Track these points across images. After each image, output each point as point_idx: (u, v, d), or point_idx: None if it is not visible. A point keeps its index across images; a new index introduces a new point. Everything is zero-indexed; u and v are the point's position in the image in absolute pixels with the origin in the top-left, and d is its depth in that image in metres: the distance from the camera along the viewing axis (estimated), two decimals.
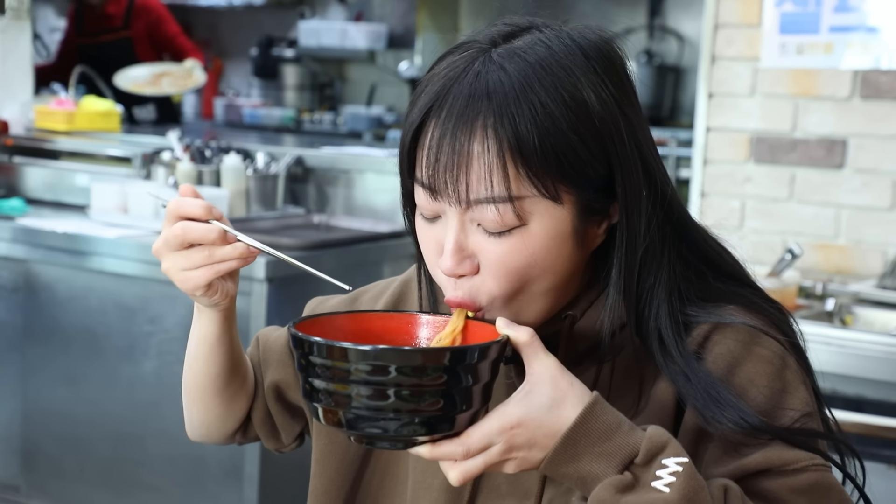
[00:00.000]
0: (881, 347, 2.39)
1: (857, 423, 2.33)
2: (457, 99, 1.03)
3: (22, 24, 4.44)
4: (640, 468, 0.98)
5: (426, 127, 1.05)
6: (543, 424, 0.98)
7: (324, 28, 6.75)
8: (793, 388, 1.09)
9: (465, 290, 1.07)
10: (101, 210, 3.55)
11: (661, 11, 6.21)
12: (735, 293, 1.15)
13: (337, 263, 3.32)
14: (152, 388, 3.26)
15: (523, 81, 1.03)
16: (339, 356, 0.96)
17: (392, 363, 0.95)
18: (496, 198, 1.03)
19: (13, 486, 3.55)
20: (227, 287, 1.15)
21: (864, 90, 3.02)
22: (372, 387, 0.96)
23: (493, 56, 1.05)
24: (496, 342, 1.00)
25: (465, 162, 1.03)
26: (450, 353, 0.97)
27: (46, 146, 4.20)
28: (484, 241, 1.06)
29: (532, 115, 1.02)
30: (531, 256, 1.05)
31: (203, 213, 1.09)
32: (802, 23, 3.08)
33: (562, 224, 1.06)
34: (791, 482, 1.04)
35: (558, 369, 1.00)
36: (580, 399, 0.99)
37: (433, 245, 1.09)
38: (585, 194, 1.06)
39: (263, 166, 3.72)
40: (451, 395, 0.96)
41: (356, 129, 6.37)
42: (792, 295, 2.76)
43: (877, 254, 3.03)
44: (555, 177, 1.03)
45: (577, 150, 1.03)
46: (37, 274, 3.47)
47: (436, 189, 1.05)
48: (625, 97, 1.08)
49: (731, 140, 3.21)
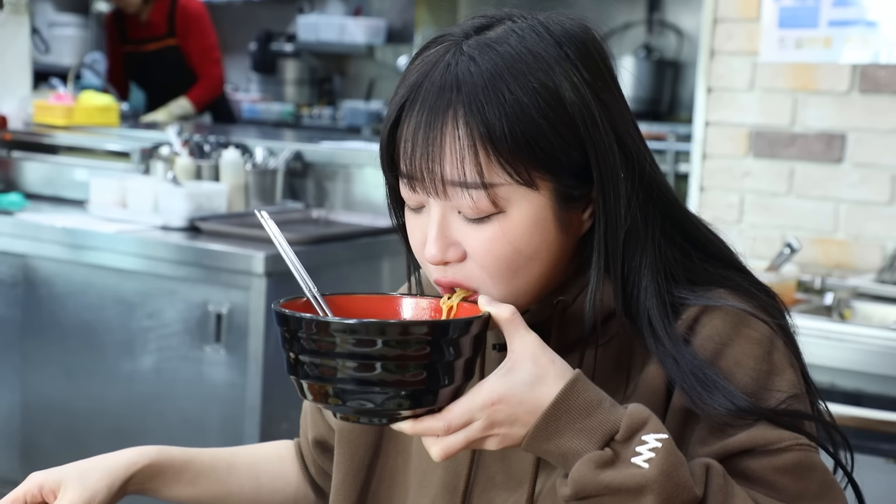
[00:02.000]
0: (880, 341, 2.39)
1: (855, 416, 2.33)
2: (429, 92, 1.06)
3: (20, 18, 4.44)
4: (620, 444, 0.99)
5: (402, 120, 1.08)
6: (525, 400, 0.99)
7: (322, 23, 6.74)
8: (780, 370, 1.10)
9: (452, 275, 1.09)
10: (99, 205, 3.55)
11: (660, 6, 6.20)
12: (724, 277, 1.15)
13: (336, 258, 3.32)
14: (151, 382, 3.26)
15: (492, 70, 1.05)
16: (325, 330, 0.98)
17: (377, 335, 0.96)
18: (469, 184, 1.05)
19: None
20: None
21: (863, 84, 3.02)
22: (357, 359, 0.97)
23: (463, 48, 1.07)
24: (478, 317, 1.01)
25: (439, 151, 1.05)
26: (433, 325, 0.98)
27: (45, 141, 4.20)
28: (466, 228, 1.08)
29: (500, 102, 1.04)
30: (512, 243, 1.07)
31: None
32: (801, 17, 3.08)
33: (541, 210, 1.07)
34: (775, 461, 1.05)
35: (539, 346, 1.02)
36: (561, 376, 1.00)
37: (420, 236, 1.12)
38: (562, 180, 1.07)
39: (262, 161, 3.71)
40: (435, 367, 0.98)
41: (355, 123, 6.37)
42: (791, 289, 2.76)
43: (875, 248, 3.03)
44: (527, 163, 1.05)
45: (548, 136, 1.05)
46: (35, 269, 3.47)
47: (414, 179, 1.07)
48: (601, 81, 1.09)
49: (729, 134, 3.21)
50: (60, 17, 6.63)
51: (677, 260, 1.13)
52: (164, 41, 5.49)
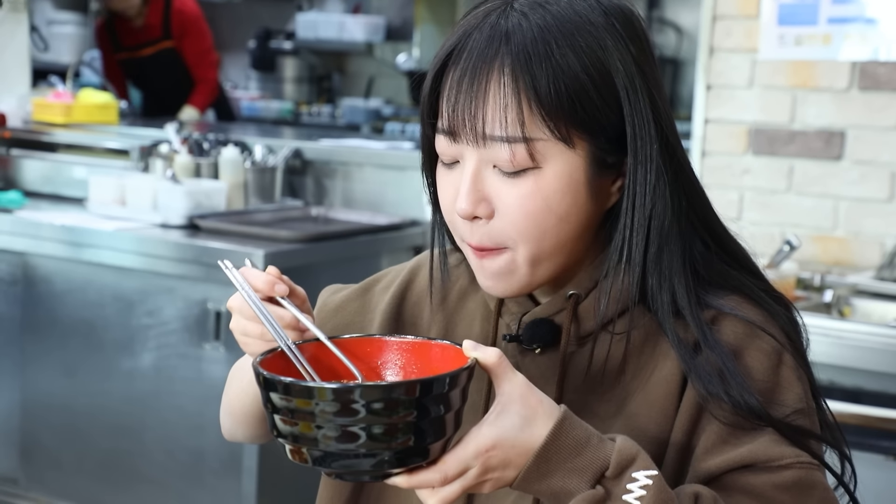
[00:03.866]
0: (879, 339, 2.39)
1: (854, 414, 2.33)
2: (477, 41, 1.07)
3: (19, 16, 4.43)
4: (611, 481, 0.99)
5: (448, 68, 1.09)
6: (517, 444, 0.99)
7: (322, 20, 6.74)
8: (787, 384, 1.10)
9: (481, 234, 1.10)
10: (98, 203, 3.55)
11: (660, 3, 6.20)
12: (739, 281, 1.15)
13: (335, 256, 3.32)
14: (151, 380, 3.26)
15: (542, 26, 1.06)
16: (303, 395, 0.93)
17: (359, 400, 0.92)
18: (510, 137, 1.06)
19: (12, 478, 3.56)
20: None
21: (863, 81, 3.02)
22: (340, 427, 0.93)
23: (514, 5, 1.09)
24: (463, 369, 0.97)
25: (482, 100, 1.06)
26: (417, 385, 0.94)
27: (44, 139, 4.20)
28: (499, 182, 1.08)
29: (548, 56, 1.05)
30: (545, 200, 1.07)
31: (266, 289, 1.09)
32: (801, 14, 3.08)
33: (575, 171, 1.08)
34: (775, 478, 1.05)
35: (527, 387, 1.01)
36: (550, 415, 1.00)
37: (451, 191, 1.11)
38: (598, 142, 1.08)
39: (261, 159, 3.71)
40: (422, 427, 0.95)
41: (354, 121, 6.37)
42: (790, 286, 2.76)
43: (875, 245, 3.03)
44: (567, 120, 1.06)
45: (590, 96, 1.06)
46: (35, 266, 3.47)
47: (454, 129, 1.08)
48: (643, 56, 1.10)
49: (729, 132, 3.21)
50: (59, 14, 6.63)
51: (699, 251, 1.13)
52: (159, 44, 5.47)
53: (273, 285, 1.09)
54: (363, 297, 1.31)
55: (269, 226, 3.41)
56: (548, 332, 1.15)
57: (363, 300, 1.31)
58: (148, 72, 5.53)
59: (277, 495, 3.12)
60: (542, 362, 1.16)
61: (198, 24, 5.55)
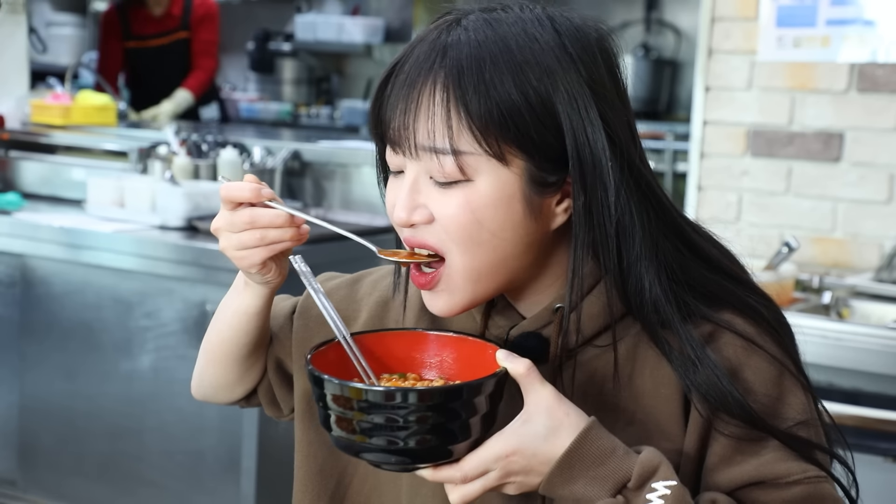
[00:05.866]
0: (878, 340, 2.39)
1: (853, 415, 2.33)
2: (418, 56, 1.08)
3: (18, 18, 4.43)
4: (632, 492, 1.02)
5: (390, 83, 1.10)
6: (539, 452, 1.03)
7: (320, 22, 6.74)
8: (789, 397, 1.11)
9: (421, 236, 1.11)
10: (97, 204, 3.55)
11: (658, 5, 6.21)
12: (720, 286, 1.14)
13: (333, 258, 3.32)
14: (149, 382, 3.26)
15: (481, 42, 1.06)
16: (343, 392, 1.02)
17: (397, 402, 1.00)
18: (438, 149, 1.06)
19: (10, 480, 3.55)
20: (281, 266, 1.21)
21: (861, 83, 3.02)
22: (377, 423, 1.01)
23: (462, 21, 1.09)
24: (493, 376, 1.03)
25: (414, 112, 1.07)
26: (448, 392, 1.01)
27: (42, 140, 4.20)
28: (435, 192, 1.09)
29: (480, 71, 1.05)
30: (474, 213, 1.07)
31: (253, 197, 1.13)
32: (799, 16, 3.08)
33: (508, 187, 1.07)
34: (784, 494, 1.07)
35: (555, 399, 1.04)
36: (576, 427, 1.03)
37: (393, 199, 1.13)
38: (534, 161, 1.07)
39: (260, 160, 3.71)
40: (450, 428, 1.02)
41: (353, 123, 6.37)
42: (789, 288, 2.76)
43: (873, 247, 3.03)
44: (499, 137, 1.06)
45: (523, 115, 1.05)
46: (33, 268, 3.47)
47: (394, 140, 1.09)
48: (596, 75, 1.08)
49: (727, 134, 3.21)
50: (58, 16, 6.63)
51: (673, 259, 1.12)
52: (174, 34, 5.51)
53: (259, 192, 1.13)
54: (351, 287, 1.35)
55: None
56: (536, 344, 1.15)
57: (351, 290, 1.35)
58: (150, 63, 5.53)
59: (276, 497, 3.12)
60: None
61: (215, 16, 5.63)
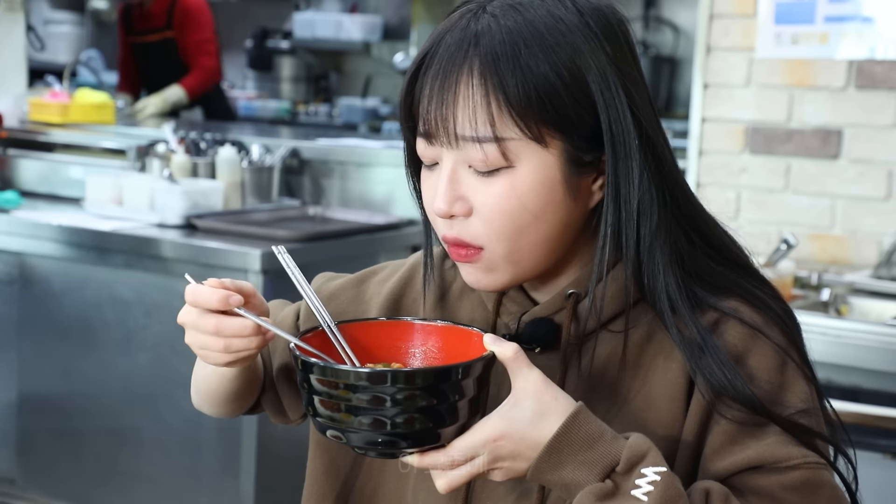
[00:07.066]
0: (876, 337, 2.39)
1: (852, 412, 2.33)
2: (449, 45, 1.09)
3: (16, 16, 4.43)
4: (621, 476, 1.01)
5: (421, 73, 1.10)
6: (526, 437, 1.02)
7: (319, 20, 6.74)
8: (792, 385, 1.11)
9: (459, 229, 1.11)
10: (95, 202, 3.55)
11: (657, 2, 6.20)
12: (726, 278, 1.15)
13: (332, 255, 3.32)
14: (147, 380, 3.26)
15: (512, 28, 1.07)
16: (330, 375, 1.01)
17: (383, 384, 0.99)
18: (481, 137, 1.07)
19: (9, 478, 3.55)
20: (248, 358, 1.16)
21: (860, 80, 3.02)
22: (362, 405, 1.00)
23: (487, 8, 1.10)
24: (480, 359, 1.03)
25: (453, 101, 1.07)
26: (434, 372, 1.01)
27: (41, 138, 4.19)
28: (475, 182, 1.09)
29: (515, 56, 1.06)
30: (519, 199, 1.08)
31: (220, 305, 1.10)
32: (797, 13, 3.08)
33: (550, 169, 1.08)
34: (783, 479, 1.07)
35: (543, 383, 1.04)
36: (564, 411, 1.03)
37: (432, 192, 1.13)
38: (572, 141, 1.08)
39: (259, 158, 3.71)
40: (438, 411, 1.01)
41: (351, 120, 6.37)
42: (787, 285, 2.76)
43: (872, 244, 3.03)
44: (538, 120, 1.06)
45: (560, 95, 1.07)
46: (32, 266, 3.47)
47: (430, 132, 1.09)
48: (619, 53, 1.10)
49: (726, 131, 3.21)
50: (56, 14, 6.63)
51: (683, 247, 1.13)
52: (162, 33, 5.53)
53: (227, 299, 1.10)
54: (358, 288, 1.32)
55: (267, 225, 3.41)
56: (548, 330, 1.15)
57: (358, 290, 1.32)
58: (150, 58, 5.56)
59: (275, 495, 3.12)
60: (542, 362, 1.16)
61: (199, 15, 5.59)
